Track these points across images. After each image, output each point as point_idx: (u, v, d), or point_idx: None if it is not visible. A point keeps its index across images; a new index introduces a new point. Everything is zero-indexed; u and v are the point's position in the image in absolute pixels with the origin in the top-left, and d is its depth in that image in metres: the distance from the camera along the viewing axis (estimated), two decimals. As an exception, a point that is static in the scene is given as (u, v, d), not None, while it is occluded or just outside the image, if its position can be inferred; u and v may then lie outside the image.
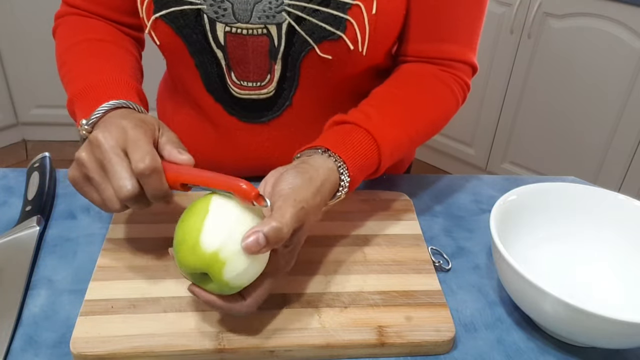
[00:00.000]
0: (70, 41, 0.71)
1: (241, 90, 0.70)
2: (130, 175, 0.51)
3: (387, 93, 0.68)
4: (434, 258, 0.66)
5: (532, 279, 0.52)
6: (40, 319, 0.56)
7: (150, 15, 0.65)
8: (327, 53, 0.64)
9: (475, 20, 0.69)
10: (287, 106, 0.71)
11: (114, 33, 0.73)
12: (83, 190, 0.54)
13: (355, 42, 0.64)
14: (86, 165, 0.53)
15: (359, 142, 0.60)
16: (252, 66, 0.67)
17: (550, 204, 0.66)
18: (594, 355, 0.57)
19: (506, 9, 1.98)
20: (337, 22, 0.62)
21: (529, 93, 2.05)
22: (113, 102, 0.59)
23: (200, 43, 0.66)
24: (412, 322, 0.56)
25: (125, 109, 0.59)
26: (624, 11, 1.76)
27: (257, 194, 0.49)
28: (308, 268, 0.62)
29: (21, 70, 2.25)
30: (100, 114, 0.58)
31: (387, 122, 0.63)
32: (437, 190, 0.79)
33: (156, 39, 0.67)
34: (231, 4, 0.62)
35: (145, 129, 0.54)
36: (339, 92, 0.72)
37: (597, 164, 2.00)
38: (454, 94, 0.70)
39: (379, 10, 0.63)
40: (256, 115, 0.72)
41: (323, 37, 0.63)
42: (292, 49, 0.65)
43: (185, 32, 0.65)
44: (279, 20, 0.63)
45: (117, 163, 0.51)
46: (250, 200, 0.49)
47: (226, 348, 0.53)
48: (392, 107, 0.66)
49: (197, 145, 0.78)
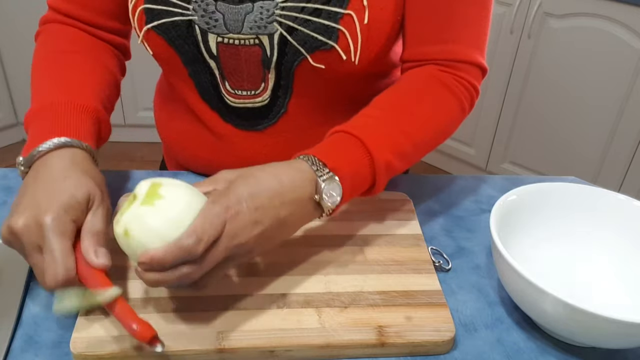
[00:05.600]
0: (45, 53, 0.69)
1: (236, 99, 0.69)
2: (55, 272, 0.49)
3: (386, 101, 0.65)
4: (434, 258, 0.66)
5: (532, 279, 0.52)
6: (40, 319, 0.56)
7: (142, 26, 0.65)
8: (320, 63, 0.64)
9: (479, 19, 0.66)
10: (282, 113, 0.71)
11: (92, 45, 0.71)
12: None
13: (348, 51, 0.63)
14: (14, 246, 0.52)
15: (349, 149, 0.58)
16: (246, 75, 0.67)
17: (550, 204, 0.66)
18: (594, 355, 0.57)
19: (506, 8, 1.98)
20: (329, 32, 0.62)
21: (529, 93, 2.05)
22: (53, 142, 0.56)
23: (193, 53, 0.66)
24: (412, 322, 0.56)
25: (68, 148, 0.57)
26: (624, 11, 1.76)
27: (152, 336, 0.48)
28: (308, 268, 0.62)
29: (21, 70, 2.25)
30: (36, 156, 0.56)
31: (383, 131, 0.61)
32: (437, 190, 0.79)
33: (149, 49, 0.67)
34: (222, 14, 0.62)
35: (65, 219, 0.50)
36: (334, 98, 0.71)
37: (597, 164, 2.00)
38: (459, 100, 0.67)
39: (371, 19, 0.62)
40: (252, 123, 0.72)
41: (315, 47, 0.63)
42: (285, 58, 0.64)
43: (177, 42, 0.65)
44: (271, 31, 0.62)
45: (39, 262, 0.50)
46: (145, 343, 0.48)
47: (226, 348, 0.52)
48: (390, 115, 0.63)
49: (195, 151, 0.78)
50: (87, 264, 0.51)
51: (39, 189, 0.53)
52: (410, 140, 0.63)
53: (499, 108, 2.15)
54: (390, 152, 0.60)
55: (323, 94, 0.70)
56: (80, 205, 0.52)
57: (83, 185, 0.53)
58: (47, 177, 0.54)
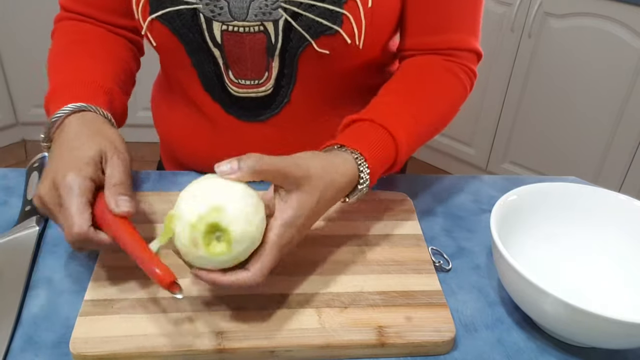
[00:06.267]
0: (60, 46, 0.71)
1: (239, 88, 0.70)
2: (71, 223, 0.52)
3: (396, 87, 0.69)
4: (434, 258, 0.66)
5: (532, 279, 0.52)
6: (39, 319, 0.56)
7: (146, 17, 0.65)
8: (324, 48, 0.65)
9: (475, 7, 0.70)
10: (285, 103, 0.71)
11: (105, 36, 0.73)
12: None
13: (352, 36, 0.64)
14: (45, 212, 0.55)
15: (375, 137, 0.61)
16: (250, 64, 0.67)
17: (550, 204, 0.66)
18: (594, 355, 0.57)
19: (506, 8, 1.98)
20: (333, 16, 0.63)
21: (529, 93, 2.05)
22: (64, 110, 0.60)
23: (197, 42, 0.66)
24: (412, 322, 0.56)
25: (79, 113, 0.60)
26: (625, 11, 1.76)
27: (172, 282, 0.49)
28: (308, 268, 0.61)
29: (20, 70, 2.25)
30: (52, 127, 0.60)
31: (399, 115, 0.64)
32: (437, 190, 0.79)
33: (152, 40, 0.67)
34: (227, 2, 0.62)
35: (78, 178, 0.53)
36: (337, 87, 0.72)
37: (597, 164, 2.00)
38: (462, 81, 0.71)
39: (375, 3, 0.63)
40: (255, 114, 0.72)
41: (320, 32, 0.63)
42: (290, 45, 0.65)
43: (181, 32, 0.65)
44: (276, 17, 0.63)
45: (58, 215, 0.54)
46: (165, 287, 0.49)
47: (226, 348, 0.52)
48: (402, 99, 0.67)
49: (195, 144, 0.78)
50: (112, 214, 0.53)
51: (57, 154, 0.57)
52: (423, 123, 0.67)
53: (499, 108, 2.14)
54: (408, 136, 0.64)
55: (326, 83, 0.71)
56: (94, 162, 0.55)
57: (94, 143, 0.57)
58: (63, 142, 0.58)
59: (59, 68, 0.68)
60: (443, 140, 2.37)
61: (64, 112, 0.60)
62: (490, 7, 1.99)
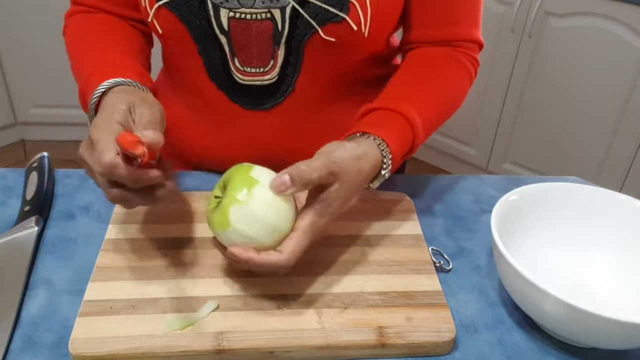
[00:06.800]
0: (78, 38, 0.72)
1: (244, 76, 0.70)
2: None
3: (407, 76, 0.71)
4: (435, 258, 0.66)
5: (533, 280, 0.52)
6: (39, 320, 0.56)
7: (153, 4, 0.66)
8: (330, 35, 0.65)
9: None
10: (290, 92, 0.72)
11: (119, 24, 0.74)
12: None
13: (358, 23, 0.65)
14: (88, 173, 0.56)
15: (395, 123, 0.63)
16: (256, 51, 0.68)
17: (551, 204, 0.66)
18: (595, 355, 0.57)
19: (507, 8, 1.98)
20: (340, 3, 0.63)
21: (529, 92, 2.05)
22: (107, 83, 0.61)
23: (204, 29, 0.66)
24: (413, 322, 0.56)
25: (121, 86, 0.62)
26: (625, 10, 1.75)
27: (134, 141, 0.50)
28: (308, 268, 0.61)
29: (20, 70, 2.25)
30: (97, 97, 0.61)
31: (414, 102, 0.66)
32: (437, 190, 0.79)
33: (159, 27, 0.68)
34: None
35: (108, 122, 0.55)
36: (341, 78, 0.73)
37: (598, 164, 2.00)
38: (467, 69, 0.73)
39: None
40: (259, 102, 0.73)
41: (327, 19, 0.64)
42: (296, 32, 0.66)
43: (189, 18, 0.66)
44: (283, 4, 0.64)
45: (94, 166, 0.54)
46: (126, 149, 0.50)
47: (225, 348, 0.52)
48: (415, 88, 0.69)
49: (198, 135, 0.78)
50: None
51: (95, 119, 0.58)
52: (435, 108, 0.69)
53: (500, 107, 2.14)
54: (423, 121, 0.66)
55: (330, 73, 0.71)
56: (123, 111, 0.57)
57: (122, 98, 0.59)
58: (101, 112, 0.59)
59: (84, 59, 0.68)
60: (443, 140, 2.36)
61: (103, 88, 0.61)
62: (491, 7, 1.99)
